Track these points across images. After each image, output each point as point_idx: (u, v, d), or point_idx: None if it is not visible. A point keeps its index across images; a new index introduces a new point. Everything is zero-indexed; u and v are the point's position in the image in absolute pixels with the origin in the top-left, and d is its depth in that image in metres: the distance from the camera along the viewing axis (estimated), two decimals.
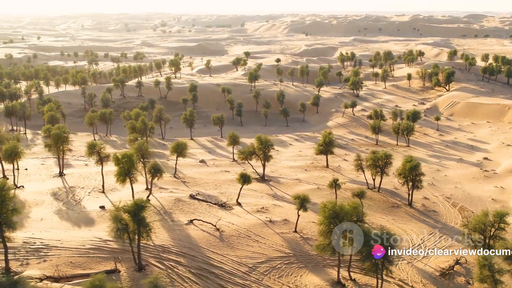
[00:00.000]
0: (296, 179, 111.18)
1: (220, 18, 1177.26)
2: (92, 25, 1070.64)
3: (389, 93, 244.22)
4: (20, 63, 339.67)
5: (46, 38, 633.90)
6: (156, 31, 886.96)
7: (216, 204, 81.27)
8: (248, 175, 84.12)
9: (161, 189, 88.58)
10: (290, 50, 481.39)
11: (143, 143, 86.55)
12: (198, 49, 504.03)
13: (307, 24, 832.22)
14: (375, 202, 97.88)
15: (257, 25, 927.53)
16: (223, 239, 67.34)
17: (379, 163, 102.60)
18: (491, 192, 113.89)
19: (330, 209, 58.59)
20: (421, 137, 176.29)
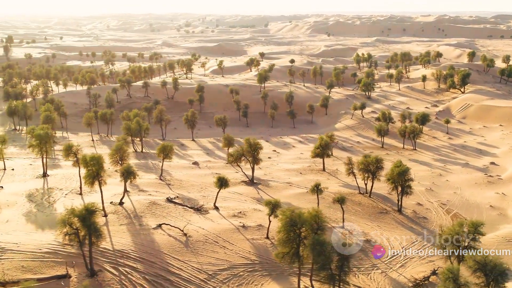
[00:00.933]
0: (288, 183, 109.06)
1: (244, 19, 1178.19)
2: (117, 26, 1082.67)
3: (403, 95, 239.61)
4: (39, 62, 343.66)
5: (70, 38, 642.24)
6: (180, 31, 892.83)
7: (192, 208, 79.73)
8: (226, 179, 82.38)
9: (140, 191, 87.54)
10: (309, 51, 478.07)
11: (121, 145, 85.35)
12: (218, 49, 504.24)
13: (330, 24, 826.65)
14: (363, 208, 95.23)
15: (280, 25, 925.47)
16: (188, 244, 65.83)
17: (370, 167, 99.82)
18: (491, 198, 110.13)
19: (287, 216, 56.53)
20: (430, 140, 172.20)
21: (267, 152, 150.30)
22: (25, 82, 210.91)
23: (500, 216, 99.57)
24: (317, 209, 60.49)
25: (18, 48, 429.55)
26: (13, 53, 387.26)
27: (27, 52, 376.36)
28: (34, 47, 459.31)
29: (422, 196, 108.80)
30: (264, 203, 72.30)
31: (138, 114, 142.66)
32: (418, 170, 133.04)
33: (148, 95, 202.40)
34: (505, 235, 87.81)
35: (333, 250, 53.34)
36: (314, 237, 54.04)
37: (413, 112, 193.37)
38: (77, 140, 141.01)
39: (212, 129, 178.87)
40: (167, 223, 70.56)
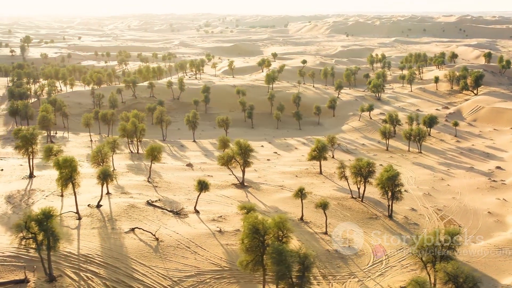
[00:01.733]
0: (280, 186, 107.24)
1: (265, 19, 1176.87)
2: (138, 26, 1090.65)
3: (414, 96, 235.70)
4: (54, 62, 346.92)
5: (89, 38, 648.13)
6: (199, 31, 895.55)
7: (171, 211, 78.50)
8: (206, 182, 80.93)
9: (123, 194, 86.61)
10: (325, 51, 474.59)
11: (103, 147, 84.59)
12: (234, 49, 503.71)
13: (350, 24, 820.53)
14: (352, 213, 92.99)
15: (299, 25, 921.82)
16: (158, 249, 64.57)
17: (362, 171, 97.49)
18: (491, 204, 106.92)
19: (250, 223, 54.82)
20: (437, 143, 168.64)
21: (267, 154, 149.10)
22: (34, 82, 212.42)
23: (496, 223, 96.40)
24: (282, 216, 58.69)
25: (36, 48, 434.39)
26: (29, 52, 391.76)
27: (44, 52, 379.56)
28: (51, 47, 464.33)
29: (418, 201, 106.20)
30: (239, 208, 70.65)
31: (137, 115, 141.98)
32: (420, 174, 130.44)
33: (154, 95, 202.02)
34: (498, 243, 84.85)
35: (293, 259, 51.40)
36: (273, 245, 52.27)
37: (422, 114, 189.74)
38: (76, 140, 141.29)
39: (217, 130, 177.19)
40: (140, 227, 69.40)
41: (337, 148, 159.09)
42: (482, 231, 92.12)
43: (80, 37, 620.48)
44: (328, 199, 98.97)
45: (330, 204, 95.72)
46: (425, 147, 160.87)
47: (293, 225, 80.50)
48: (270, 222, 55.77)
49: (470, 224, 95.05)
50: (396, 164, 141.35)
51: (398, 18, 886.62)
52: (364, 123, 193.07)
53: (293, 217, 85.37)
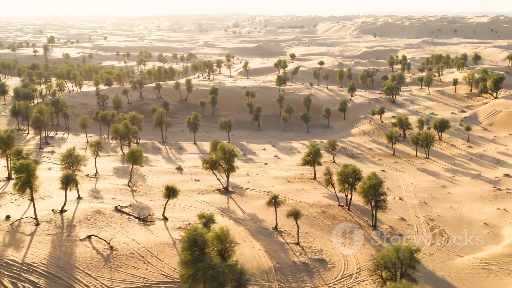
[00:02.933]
0: (267, 192, 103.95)
1: (294, 19, 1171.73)
2: (168, 26, 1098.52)
3: (432, 99, 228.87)
4: (75, 62, 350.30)
5: (116, 39, 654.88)
6: (228, 31, 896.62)
7: (138, 218, 76.26)
8: (174, 188, 78.26)
9: (95, 198, 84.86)
10: (349, 52, 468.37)
11: (73, 150, 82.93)
12: (257, 50, 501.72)
13: (378, 25, 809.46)
14: (335, 222, 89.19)
15: (328, 26, 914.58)
16: (110, 259, 62.30)
17: (348, 178, 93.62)
18: (490, 214, 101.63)
19: (188, 235, 52.00)
20: (447, 148, 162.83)
21: (266, 158, 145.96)
22: (45, 82, 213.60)
23: (490, 235, 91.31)
24: (224, 228, 55.68)
25: (60, 48, 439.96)
26: (52, 53, 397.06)
27: (66, 52, 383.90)
28: (76, 47, 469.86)
29: (411, 210, 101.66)
30: (197, 217, 67.89)
31: (135, 116, 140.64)
32: (421, 181, 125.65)
33: (161, 96, 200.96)
34: (485, 257, 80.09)
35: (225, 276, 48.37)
36: (206, 259, 49.35)
37: (436, 118, 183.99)
38: (73, 141, 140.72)
39: (221, 132, 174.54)
40: (96, 234, 67.26)
41: (341, 152, 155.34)
42: (472, 244, 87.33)
43: (106, 37, 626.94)
44: (313, 206, 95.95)
45: (313, 212, 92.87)
46: (434, 152, 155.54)
47: (265, 235, 78.16)
48: (211, 235, 52.85)
49: (462, 235, 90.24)
50: (398, 170, 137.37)
51: (428, 18, 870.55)
52: (375, 126, 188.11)
53: (268, 225, 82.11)
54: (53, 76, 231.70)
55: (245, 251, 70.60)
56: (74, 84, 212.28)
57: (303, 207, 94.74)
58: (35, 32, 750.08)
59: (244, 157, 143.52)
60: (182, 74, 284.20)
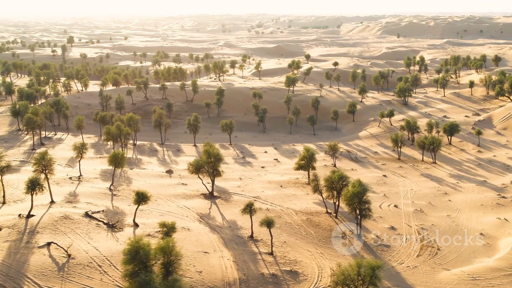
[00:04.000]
0: (255, 197, 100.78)
1: (318, 19, 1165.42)
2: (191, 26, 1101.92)
3: (446, 101, 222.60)
4: (92, 62, 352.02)
5: (138, 39, 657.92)
6: (251, 32, 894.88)
7: (107, 224, 73.91)
8: (144, 194, 75.55)
9: (68, 203, 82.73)
10: (369, 53, 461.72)
11: (44, 154, 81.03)
12: (276, 50, 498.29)
13: (403, 25, 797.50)
14: (318, 231, 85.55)
15: (352, 26, 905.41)
16: (64, 268, 59.97)
17: (335, 185, 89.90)
18: (488, 224, 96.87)
19: (129, 247, 49.21)
20: (456, 152, 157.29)
21: (265, 161, 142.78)
22: (53, 82, 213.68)
23: (484, 247, 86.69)
24: (170, 240, 52.73)
25: (79, 48, 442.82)
26: (71, 52, 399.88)
27: (84, 52, 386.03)
28: (96, 47, 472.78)
29: (404, 218, 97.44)
30: (159, 225, 65.07)
31: (132, 117, 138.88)
32: (423, 187, 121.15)
33: (167, 97, 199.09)
34: (473, 271, 75.82)
35: None
36: (141, 274, 46.47)
37: (447, 121, 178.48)
38: (69, 142, 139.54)
39: (225, 134, 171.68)
40: (55, 241, 65.04)
41: (344, 156, 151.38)
42: (462, 255, 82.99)
43: (127, 38, 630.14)
44: (299, 213, 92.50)
45: (297, 220, 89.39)
46: (442, 157, 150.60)
47: (239, 243, 75.06)
48: (156, 247, 50.00)
49: (453, 247, 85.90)
50: (401, 176, 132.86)
51: (454, 18, 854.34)
52: (383, 129, 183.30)
53: (245, 233, 78.97)
54: (63, 76, 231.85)
55: (212, 261, 67.72)
56: (81, 84, 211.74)
57: (288, 214, 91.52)
58: (59, 32, 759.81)
59: (242, 160, 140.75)
60: (195, 75, 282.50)
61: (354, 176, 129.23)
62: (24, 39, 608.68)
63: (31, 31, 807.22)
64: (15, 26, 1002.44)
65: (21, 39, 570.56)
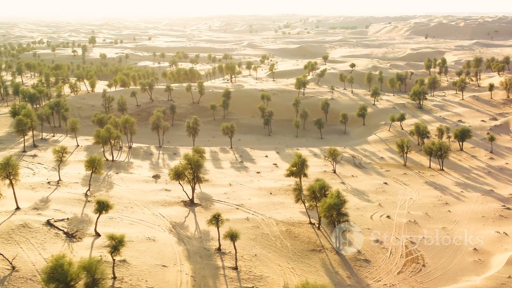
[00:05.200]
0: (238, 205, 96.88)
1: (347, 20, 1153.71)
2: (219, 27, 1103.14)
3: (464, 105, 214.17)
4: (111, 62, 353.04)
5: (163, 39, 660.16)
6: (277, 32, 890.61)
7: (66, 233, 70.95)
8: (105, 203, 72.28)
9: (34, 210, 79.93)
10: (393, 54, 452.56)
11: (10, 158, 78.55)
12: (299, 51, 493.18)
13: (432, 26, 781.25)
14: (295, 243, 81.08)
15: (380, 27, 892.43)
16: (5, 281, 57.05)
17: (316, 195, 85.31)
18: (486, 238, 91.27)
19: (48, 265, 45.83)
20: (467, 159, 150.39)
21: (264, 166, 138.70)
22: (62, 83, 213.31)
23: (475, 264, 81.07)
24: (96, 258, 49.12)
25: (101, 49, 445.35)
26: (91, 53, 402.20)
27: (104, 52, 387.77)
28: (119, 47, 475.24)
29: (394, 230, 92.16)
30: (107, 237, 61.62)
31: (128, 119, 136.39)
32: (424, 196, 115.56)
33: (172, 99, 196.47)
34: None
35: None
36: None
37: (461, 125, 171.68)
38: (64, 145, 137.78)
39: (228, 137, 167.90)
40: (1, 252, 62.24)
41: (348, 161, 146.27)
42: (449, 273, 77.68)
43: (150, 38, 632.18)
44: (280, 224, 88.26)
45: (276, 231, 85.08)
46: (451, 164, 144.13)
47: (203, 257, 71.27)
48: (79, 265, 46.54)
49: (440, 263, 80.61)
50: (403, 183, 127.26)
51: (485, 19, 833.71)
52: (394, 133, 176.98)
53: (214, 245, 75.08)
54: (74, 76, 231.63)
55: (168, 275, 64.09)
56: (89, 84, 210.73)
57: (268, 224, 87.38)
58: (87, 33, 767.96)
59: (239, 165, 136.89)
60: (210, 76, 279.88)
61: (352, 183, 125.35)
62: (52, 39, 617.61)
63: (61, 31, 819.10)
64: (47, 26, 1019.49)
65: (48, 39, 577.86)
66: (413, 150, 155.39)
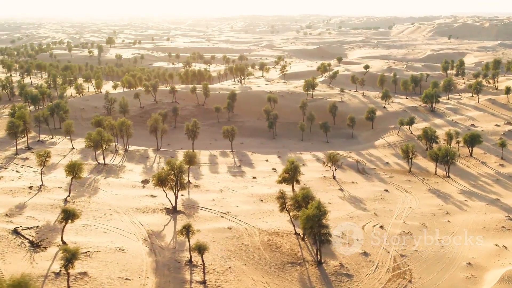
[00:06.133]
0: (223, 213, 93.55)
1: (370, 20, 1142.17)
2: (241, 27, 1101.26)
3: (480, 108, 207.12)
4: (126, 63, 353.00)
5: (181, 39, 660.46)
6: (299, 33, 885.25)
7: (31, 243, 68.47)
8: (71, 212, 69.55)
9: (6, 216, 77.58)
10: (413, 55, 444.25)
11: None
12: (317, 52, 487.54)
13: (456, 27, 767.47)
14: (274, 255, 77.45)
15: (403, 27, 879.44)
16: None
17: (300, 204, 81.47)
18: (483, 252, 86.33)
19: None
20: (476, 166, 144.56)
21: (262, 170, 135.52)
22: (70, 84, 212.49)
23: (466, 281, 76.42)
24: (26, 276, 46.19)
25: (117, 49, 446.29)
26: (107, 53, 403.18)
27: (120, 53, 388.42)
28: (137, 48, 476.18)
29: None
30: (61, 249, 58.82)
31: (124, 122, 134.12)
32: (424, 205, 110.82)
33: (177, 101, 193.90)
34: None
35: None
36: None
37: (474, 130, 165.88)
38: (57, 147, 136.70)
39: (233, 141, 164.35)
40: None
41: (351, 166, 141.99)
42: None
43: (169, 39, 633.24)
44: (263, 234, 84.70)
45: (257, 241, 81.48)
46: (459, 170, 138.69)
47: (172, 269, 68.22)
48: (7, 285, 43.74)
49: (429, 279, 76.14)
50: (405, 191, 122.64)
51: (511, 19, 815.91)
52: (402, 138, 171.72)
53: (186, 257, 71.80)
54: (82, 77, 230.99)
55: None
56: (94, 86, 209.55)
57: (250, 234, 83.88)
58: (109, 33, 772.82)
59: (236, 169, 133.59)
60: (222, 77, 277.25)
61: (351, 190, 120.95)
62: (73, 39, 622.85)
63: (84, 32, 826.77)
64: (72, 27, 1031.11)
65: (70, 40, 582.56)
66: (421, 155, 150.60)
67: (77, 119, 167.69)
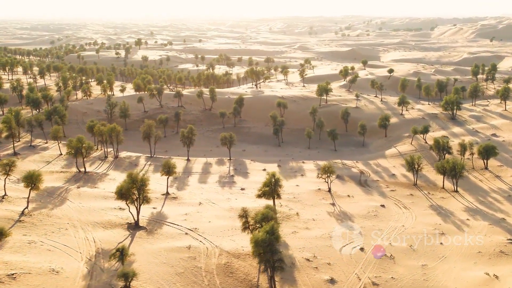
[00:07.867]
0: (190, 229, 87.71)
1: (412, 21, 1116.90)
2: (280, 28, 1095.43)
3: (505, 116, 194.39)
4: (152, 65, 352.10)
5: (216, 41, 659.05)
6: (338, 34, 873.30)
7: None
8: None
9: None
10: (449, 58, 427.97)
11: None
12: (349, 54, 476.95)
13: (500, 28, 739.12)
14: (226, 281, 71.45)
15: (445, 29, 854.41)
16: None
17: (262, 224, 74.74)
18: (468, 282, 77.72)
19: None
20: (490, 179, 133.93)
21: (255, 181, 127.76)
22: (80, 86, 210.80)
23: None
24: None
25: (146, 51, 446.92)
26: (135, 55, 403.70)
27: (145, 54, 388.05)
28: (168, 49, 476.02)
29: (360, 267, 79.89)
30: None
31: (114, 128, 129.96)
32: (420, 223, 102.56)
33: (183, 105, 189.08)
34: None
35: None
36: None
37: (495, 140, 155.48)
38: (45, 153, 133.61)
39: (235, 147, 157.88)
40: None
41: (353, 178, 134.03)
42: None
43: (200, 40, 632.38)
44: (223, 255, 78.41)
45: (212, 264, 75.27)
46: (469, 184, 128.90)
47: None
48: None
49: None
50: (404, 207, 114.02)
51: None
52: (415, 147, 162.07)
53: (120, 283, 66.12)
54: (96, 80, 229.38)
55: None
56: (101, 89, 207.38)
57: (209, 255, 77.83)
58: (146, 34, 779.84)
59: (227, 179, 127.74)
60: (242, 81, 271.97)
61: (344, 205, 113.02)
62: (111, 40, 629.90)
63: (122, 33, 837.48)
64: (113, 28, 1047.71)
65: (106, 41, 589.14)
66: (432, 167, 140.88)
67: (78, 123, 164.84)
